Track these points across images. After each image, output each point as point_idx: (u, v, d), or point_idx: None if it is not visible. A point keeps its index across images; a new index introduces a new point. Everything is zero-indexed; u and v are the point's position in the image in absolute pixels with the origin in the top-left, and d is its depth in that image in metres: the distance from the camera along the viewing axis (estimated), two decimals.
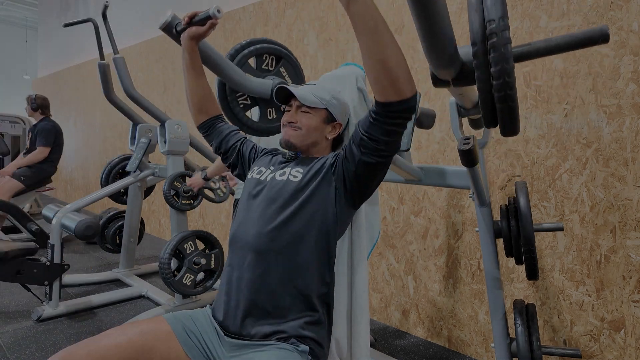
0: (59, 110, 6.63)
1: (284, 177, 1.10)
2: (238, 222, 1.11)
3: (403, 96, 0.88)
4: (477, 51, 0.71)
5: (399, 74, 0.85)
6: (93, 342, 0.92)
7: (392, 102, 0.88)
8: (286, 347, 0.96)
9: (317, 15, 2.74)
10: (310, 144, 1.14)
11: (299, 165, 1.11)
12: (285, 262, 1.01)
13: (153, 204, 4.52)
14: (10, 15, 12.65)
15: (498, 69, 0.68)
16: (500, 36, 0.67)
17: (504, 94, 0.70)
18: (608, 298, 1.61)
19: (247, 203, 1.12)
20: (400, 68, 0.85)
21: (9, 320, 2.28)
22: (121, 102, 2.91)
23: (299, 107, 1.13)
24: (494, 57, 0.68)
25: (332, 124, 1.16)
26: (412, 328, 2.26)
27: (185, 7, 4.09)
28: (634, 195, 1.55)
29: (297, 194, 1.05)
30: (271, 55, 1.43)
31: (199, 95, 1.25)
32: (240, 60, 1.35)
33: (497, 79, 0.69)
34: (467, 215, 2.03)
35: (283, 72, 1.46)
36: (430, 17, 0.71)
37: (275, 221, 1.03)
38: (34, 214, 5.19)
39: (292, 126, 1.12)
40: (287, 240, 1.02)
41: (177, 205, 2.34)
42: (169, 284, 2.15)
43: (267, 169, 1.17)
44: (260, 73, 1.42)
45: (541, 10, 1.75)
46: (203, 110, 1.27)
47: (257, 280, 1.00)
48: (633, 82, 1.54)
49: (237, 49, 1.36)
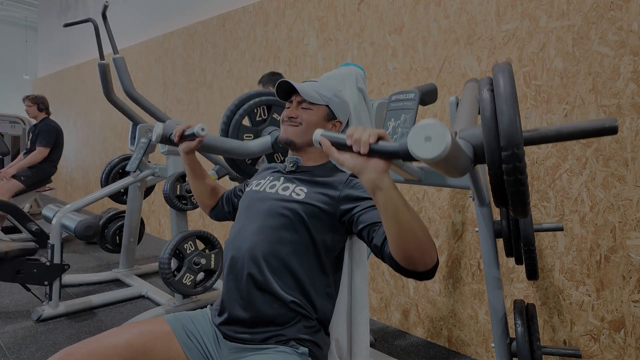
0: (59, 110, 6.63)
1: (286, 193, 1.07)
2: (236, 230, 1.09)
3: (417, 270, 0.85)
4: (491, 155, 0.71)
5: (418, 258, 0.83)
6: (93, 342, 0.92)
7: (407, 270, 0.86)
8: (285, 349, 0.96)
9: (317, 15, 2.74)
10: (308, 142, 1.11)
11: (304, 183, 1.09)
12: (280, 276, 0.99)
13: (153, 204, 4.52)
14: (10, 15, 12.65)
15: (509, 153, 0.67)
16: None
17: (514, 178, 0.69)
18: (608, 298, 1.61)
19: (246, 212, 1.10)
20: (420, 251, 0.82)
21: (9, 320, 2.28)
22: (121, 102, 2.91)
23: (299, 102, 1.12)
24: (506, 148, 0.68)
25: (333, 121, 1.14)
26: (412, 328, 2.26)
27: (184, 8, 4.09)
28: (634, 195, 1.55)
29: (299, 214, 1.02)
30: (261, 106, 1.53)
31: (207, 193, 1.33)
32: (235, 126, 1.48)
33: (507, 163, 0.69)
34: (467, 215, 2.03)
35: (276, 117, 1.55)
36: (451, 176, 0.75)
37: (272, 236, 1.01)
38: (34, 214, 5.19)
39: (292, 122, 1.10)
40: (283, 255, 1.00)
41: (177, 205, 2.34)
42: (169, 284, 2.15)
43: (265, 180, 1.15)
44: (257, 127, 1.53)
45: (541, 10, 1.75)
46: (212, 201, 1.35)
47: (253, 292, 0.99)
48: (633, 82, 1.54)
49: (228, 115, 1.50)
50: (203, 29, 3.82)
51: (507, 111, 0.68)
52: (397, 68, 2.29)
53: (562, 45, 1.70)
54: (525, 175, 0.70)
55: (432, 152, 0.61)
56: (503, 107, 0.69)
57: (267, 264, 0.99)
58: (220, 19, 3.61)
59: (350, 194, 1.03)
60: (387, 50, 2.33)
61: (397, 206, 0.78)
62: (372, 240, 0.94)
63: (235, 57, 3.47)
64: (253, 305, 0.99)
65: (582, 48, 1.65)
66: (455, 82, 2.05)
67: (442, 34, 2.09)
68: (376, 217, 0.95)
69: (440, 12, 2.10)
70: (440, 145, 0.61)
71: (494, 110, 0.72)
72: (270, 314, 0.98)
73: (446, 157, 0.62)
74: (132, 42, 4.86)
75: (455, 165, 0.69)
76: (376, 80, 2.38)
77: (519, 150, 0.67)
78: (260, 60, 3.23)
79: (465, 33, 2.00)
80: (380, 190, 0.76)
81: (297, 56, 2.90)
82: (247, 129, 1.50)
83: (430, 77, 2.14)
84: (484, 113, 0.73)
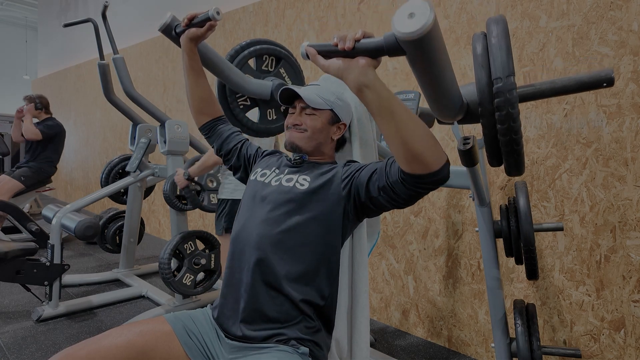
0: (59, 110, 6.63)
1: (290, 184, 1.08)
2: (241, 223, 1.09)
3: (431, 169, 0.83)
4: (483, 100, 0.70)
5: (424, 152, 0.81)
6: (93, 343, 0.92)
7: (420, 175, 0.84)
8: (286, 349, 0.95)
9: (317, 15, 2.74)
10: (315, 146, 1.13)
11: (307, 173, 1.09)
12: (286, 268, 1.00)
13: (153, 204, 4.52)
14: (10, 15, 12.65)
15: (503, 113, 0.67)
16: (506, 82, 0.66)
17: (509, 138, 0.68)
18: (608, 298, 1.61)
19: (250, 204, 1.11)
20: (425, 145, 0.81)
21: (9, 320, 2.28)
22: (121, 102, 2.91)
23: (303, 108, 1.12)
24: (499, 101, 0.66)
25: (337, 124, 1.15)
26: (412, 328, 2.26)
27: (184, 8, 4.09)
28: (634, 195, 1.55)
29: (304, 202, 1.03)
30: (271, 56, 1.43)
31: (199, 96, 1.25)
32: (240, 61, 1.35)
33: (501, 124, 0.68)
34: (467, 215, 2.03)
35: (283, 73, 1.46)
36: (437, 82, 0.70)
37: (279, 227, 1.02)
38: (34, 214, 5.19)
39: (297, 129, 1.11)
40: (290, 247, 1.01)
41: (177, 205, 2.34)
42: (169, 284, 2.15)
43: (271, 172, 1.15)
44: (260, 74, 1.41)
45: (541, 10, 1.75)
46: (204, 111, 1.26)
47: (257, 285, 0.99)
48: (633, 82, 1.54)
49: (237, 49, 1.36)
50: None
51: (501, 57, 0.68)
52: (397, 68, 2.29)
53: (562, 45, 1.70)
54: (520, 134, 0.69)
55: (415, 26, 0.62)
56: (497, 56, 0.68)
57: (275, 256, 1.00)
58: (220, 19, 3.61)
59: (349, 170, 1.05)
60: None
61: (388, 100, 0.79)
62: (377, 177, 0.95)
63: None
64: (256, 299, 0.99)
65: (582, 48, 1.65)
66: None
67: (442, 34, 2.09)
68: (374, 166, 0.98)
69: (440, 12, 2.10)
70: (422, 18, 0.62)
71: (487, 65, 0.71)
72: (273, 310, 0.98)
73: (430, 36, 0.63)
74: (132, 42, 4.86)
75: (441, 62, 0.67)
76: None
77: (513, 110, 0.67)
78: None
79: (465, 33, 2.00)
80: (367, 87, 0.78)
81: (297, 56, 2.89)
82: (251, 71, 1.39)
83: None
84: (477, 71, 0.72)
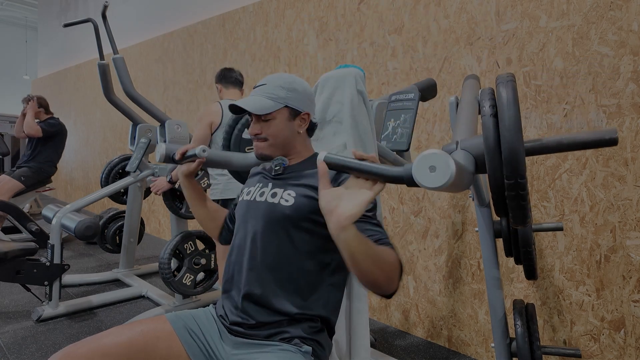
0: (59, 110, 6.63)
1: (275, 200, 1.05)
2: (235, 248, 1.09)
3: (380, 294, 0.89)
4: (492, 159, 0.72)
5: (379, 288, 0.86)
6: (94, 341, 0.92)
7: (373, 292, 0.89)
8: (289, 348, 0.95)
9: (317, 15, 2.74)
10: (282, 147, 1.10)
11: (291, 186, 1.06)
12: (282, 284, 1.00)
13: (153, 204, 4.52)
14: (10, 15, 12.65)
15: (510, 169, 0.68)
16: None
17: (516, 193, 0.69)
18: (608, 298, 1.61)
19: (242, 226, 1.10)
20: (381, 283, 0.85)
21: (9, 320, 2.28)
22: (121, 102, 2.91)
23: (258, 117, 1.08)
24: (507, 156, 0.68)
25: (298, 117, 1.10)
26: (412, 328, 2.26)
27: (184, 8, 4.10)
28: (634, 195, 1.55)
29: (291, 220, 1.01)
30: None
31: (209, 218, 1.28)
32: (235, 141, 1.49)
33: (509, 179, 0.69)
34: (467, 215, 2.03)
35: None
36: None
37: (268, 248, 1.01)
38: (34, 214, 5.19)
39: (258, 138, 1.09)
40: (283, 266, 1.00)
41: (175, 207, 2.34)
42: (169, 284, 2.15)
43: (255, 188, 1.14)
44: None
45: (541, 10, 1.75)
46: (217, 226, 1.29)
47: (255, 297, 1.00)
48: (633, 82, 1.54)
49: (227, 130, 1.51)
50: (203, 29, 3.82)
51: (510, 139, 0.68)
52: (397, 68, 2.29)
53: (562, 45, 1.70)
54: (527, 190, 0.70)
55: (438, 182, 0.62)
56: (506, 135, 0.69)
57: (269, 282, 1.00)
58: (220, 19, 3.61)
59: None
60: (387, 50, 2.33)
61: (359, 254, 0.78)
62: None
63: (235, 57, 3.47)
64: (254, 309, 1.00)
65: (582, 48, 1.65)
66: (455, 82, 2.05)
67: (442, 34, 2.09)
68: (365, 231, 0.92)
69: (440, 12, 2.10)
70: (445, 175, 0.62)
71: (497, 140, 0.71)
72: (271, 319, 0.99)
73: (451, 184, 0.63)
74: (132, 42, 4.86)
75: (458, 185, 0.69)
76: (376, 80, 2.38)
77: (522, 180, 0.68)
78: (260, 61, 3.23)
79: (465, 33, 2.00)
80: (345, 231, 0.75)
81: (297, 56, 2.90)
82: (248, 141, 1.48)
83: (430, 77, 2.14)
84: (487, 141, 0.72)
